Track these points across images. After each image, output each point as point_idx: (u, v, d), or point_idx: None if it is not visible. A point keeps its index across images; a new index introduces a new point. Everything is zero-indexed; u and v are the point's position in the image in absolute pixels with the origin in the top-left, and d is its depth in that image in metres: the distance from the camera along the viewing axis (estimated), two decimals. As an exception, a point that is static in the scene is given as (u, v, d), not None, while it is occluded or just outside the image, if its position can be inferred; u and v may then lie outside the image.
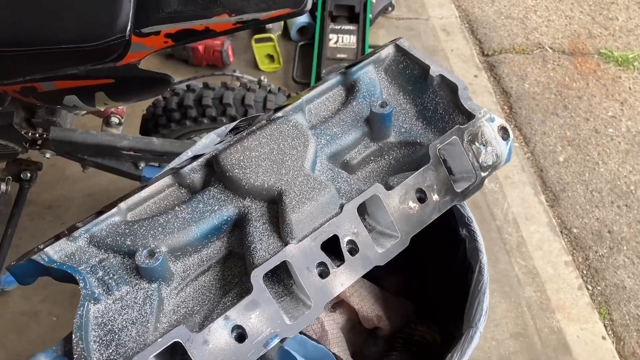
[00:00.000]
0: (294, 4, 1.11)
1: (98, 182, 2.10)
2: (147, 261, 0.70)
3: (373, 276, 0.94)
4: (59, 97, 1.28)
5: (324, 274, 0.73)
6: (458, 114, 0.88)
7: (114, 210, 0.77)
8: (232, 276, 0.77)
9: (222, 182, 0.79)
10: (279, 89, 1.63)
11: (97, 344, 0.66)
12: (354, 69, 0.94)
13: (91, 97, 1.27)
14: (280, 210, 0.74)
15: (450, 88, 0.89)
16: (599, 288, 1.97)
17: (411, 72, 0.95)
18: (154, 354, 0.62)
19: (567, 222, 2.10)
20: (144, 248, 0.70)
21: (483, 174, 0.85)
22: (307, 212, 0.74)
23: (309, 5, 1.12)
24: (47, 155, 1.61)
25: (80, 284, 0.69)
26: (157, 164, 1.69)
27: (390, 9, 2.76)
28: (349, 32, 2.49)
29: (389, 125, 0.88)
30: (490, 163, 0.86)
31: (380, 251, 0.76)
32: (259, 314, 0.68)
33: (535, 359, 1.77)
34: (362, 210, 0.78)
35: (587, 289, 1.96)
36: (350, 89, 0.93)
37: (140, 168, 1.67)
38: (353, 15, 2.53)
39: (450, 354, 0.80)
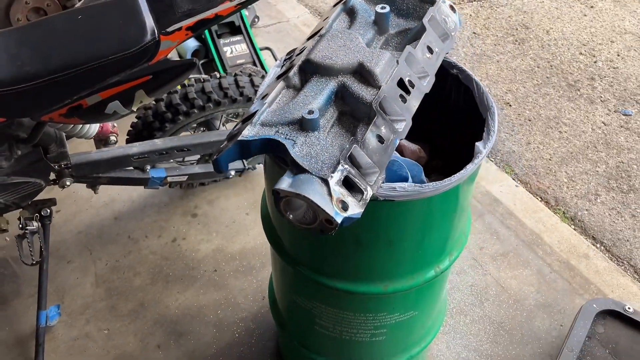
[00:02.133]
0: (274, -20, 1.55)
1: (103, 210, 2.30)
2: (309, 117, 1.10)
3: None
4: (102, 108, 1.56)
5: (404, 99, 1.19)
6: (424, 2, 1.38)
7: (262, 108, 1.15)
8: (350, 122, 1.19)
9: (318, 72, 1.21)
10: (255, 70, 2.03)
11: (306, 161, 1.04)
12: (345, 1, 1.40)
13: (131, 98, 1.57)
14: (365, 73, 1.19)
15: (411, -8, 1.40)
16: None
17: (381, -8, 1.44)
18: (344, 158, 1.02)
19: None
20: (306, 109, 1.10)
21: (452, 34, 1.37)
22: (381, 67, 1.19)
23: (284, -21, 1.57)
24: (68, 183, 1.82)
25: (277, 137, 1.07)
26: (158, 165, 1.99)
27: (257, 20, 3.25)
28: (237, 42, 2.93)
29: (389, 20, 1.36)
30: (452, 27, 1.38)
31: (424, 84, 1.24)
32: (383, 128, 1.12)
33: (480, 214, 2.35)
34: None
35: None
36: (350, 11, 1.40)
37: (147, 171, 1.96)
38: (234, 29, 2.97)
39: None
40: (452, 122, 1.50)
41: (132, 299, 2.04)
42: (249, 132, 1.10)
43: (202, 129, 2.23)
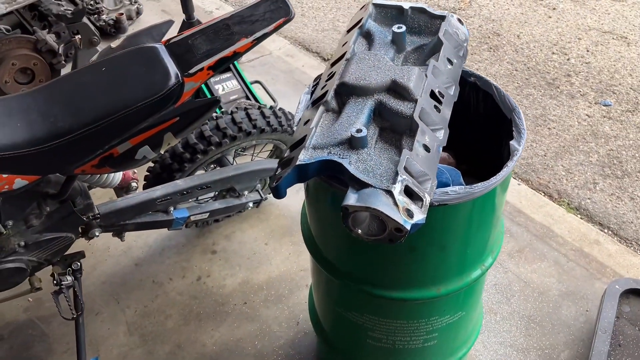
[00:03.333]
0: (285, 13, 1.62)
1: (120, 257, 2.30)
2: (358, 135, 1.16)
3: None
4: (133, 154, 1.59)
5: (438, 109, 1.26)
6: (434, 19, 1.47)
7: (311, 133, 1.21)
8: (391, 137, 1.25)
9: (354, 94, 1.27)
10: (250, 104, 2.09)
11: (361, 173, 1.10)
12: (361, 23, 1.48)
13: (160, 142, 1.60)
14: (399, 89, 1.25)
15: (420, 10, 1.48)
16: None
17: (391, 13, 1.52)
18: (403, 167, 1.08)
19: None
20: (353, 129, 1.16)
21: (464, 45, 1.45)
22: (414, 82, 1.26)
23: (294, 12, 1.64)
24: (97, 233, 1.84)
25: (332, 158, 1.12)
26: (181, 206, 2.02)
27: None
28: (227, 79, 2.99)
29: (405, 39, 1.44)
30: (463, 39, 1.47)
31: (451, 93, 1.31)
32: (427, 137, 1.19)
33: (492, 216, 2.43)
34: (430, 77, 1.32)
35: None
36: (367, 34, 1.47)
37: (170, 213, 1.98)
38: (223, 66, 3.03)
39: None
40: (472, 127, 1.58)
41: (168, 342, 2.04)
42: (304, 156, 1.15)
43: (212, 166, 2.27)
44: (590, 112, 3.03)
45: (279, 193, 1.16)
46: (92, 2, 3.59)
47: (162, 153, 1.89)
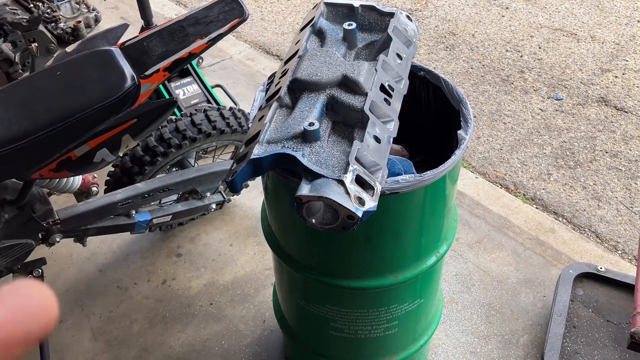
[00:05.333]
0: (239, 14, 1.65)
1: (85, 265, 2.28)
2: (310, 128, 1.19)
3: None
4: (91, 157, 1.59)
5: (388, 102, 1.30)
6: (383, 16, 1.52)
7: (265, 128, 1.24)
8: (344, 130, 1.29)
9: (306, 89, 1.31)
10: (210, 106, 2.11)
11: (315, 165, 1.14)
12: (313, 22, 1.52)
13: (118, 144, 1.62)
14: (350, 83, 1.30)
15: (370, 7, 1.53)
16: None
17: (342, 12, 1.56)
18: (355, 156, 1.13)
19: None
20: (306, 122, 1.20)
21: (413, 40, 1.50)
22: (364, 76, 1.30)
23: (248, 13, 1.67)
24: (57, 239, 1.83)
25: (286, 151, 1.16)
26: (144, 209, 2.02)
27: (201, 60, 3.33)
28: (188, 83, 3.00)
29: (356, 36, 1.48)
30: (412, 34, 1.52)
31: (401, 87, 1.36)
32: (377, 129, 1.23)
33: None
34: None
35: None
36: (319, 32, 1.51)
37: (132, 216, 1.99)
38: (183, 71, 3.04)
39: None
40: (425, 120, 1.63)
41: (134, 346, 2.04)
42: (258, 151, 1.18)
43: (174, 168, 2.27)
44: (544, 107, 3.13)
45: (234, 187, 1.18)
46: (48, 10, 3.55)
47: (121, 156, 1.89)
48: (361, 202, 1.09)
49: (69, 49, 1.71)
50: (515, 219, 2.45)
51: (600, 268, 2.09)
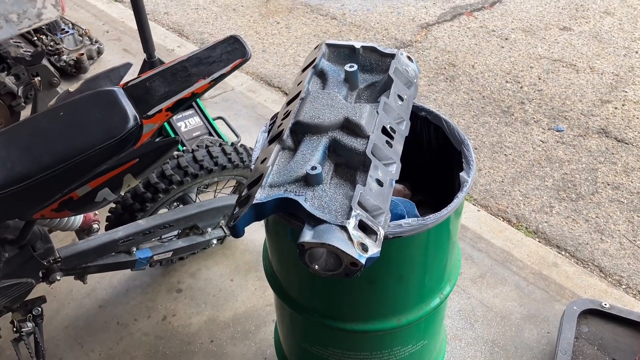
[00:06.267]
0: (242, 54, 1.66)
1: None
2: (313, 172, 1.19)
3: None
4: (92, 197, 1.59)
5: (390, 144, 1.31)
6: (384, 57, 1.53)
7: (267, 172, 1.24)
8: (346, 172, 1.29)
9: (309, 132, 1.31)
10: (212, 140, 2.11)
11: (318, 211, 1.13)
12: (315, 63, 1.53)
13: (119, 183, 1.61)
14: (352, 126, 1.30)
15: (371, 49, 1.54)
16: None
17: (343, 53, 1.57)
18: (358, 199, 1.12)
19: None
20: (308, 166, 1.20)
21: (414, 81, 1.51)
22: (365, 119, 1.31)
23: (250, 53, 1.69)
24: (58, 277, 1.81)
25: (289, 195, 1.15)
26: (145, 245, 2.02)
27: (202, 92, 3.35)
28: (190, 116, 3.01)
29: (357, 77, 1.49)
30: (413, 75, 1.53)
31: (402, 128, 1.37)
32: (379, 172, 1.23)
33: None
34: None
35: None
36: (321, 73, 1.52)
37: (133, 253, 1.98)
38: (185, 104, 3.06)
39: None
40: (426, 159, 1.63)
41: (134, 385, 2.01)
42: (261, 195, 1.17)
43: (175, 204, 2.27)
44: (544, 138, 3.14)
45: (236, 232, 1.18)
46: (52, 43, 3.59)
47: (123, 194, 1.89)
48: (364, 248, 1.08)
49: (72, 88, 1.72)
50: (518, 252, 2.44)
51: (605, 304, 2.07)
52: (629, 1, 4.39)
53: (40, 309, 1.85)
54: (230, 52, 1.67)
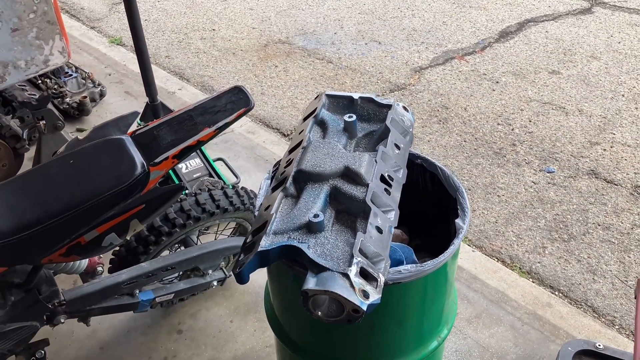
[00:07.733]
0: (245, 104, 1.74)
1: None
2: (315, 220, 1.25)
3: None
4: (100, 241, 1.64)
5: (388, 192, 1.37)
6: (382, 107, 1.61)
7: (271, 219, 1.29)
8: (347, 219, 1.35)
9: (310, 180, 1.38)
10: (214, 182, 2.17)
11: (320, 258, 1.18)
12: (315, 113, 1.60)
13: (126, 228, 1.66)
14: (352, 174, 1.37)
15: (368, 99, 1.62)
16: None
17: (342, 103, 1.65)
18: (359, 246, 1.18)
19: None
20: (311, 214, 1.26)
21: (410, 130, 1.59)
22: (365, 168, 1.37)
23: (254, 103, 1.76)
24: (62, 320, 1.84)
25: (292, 243, 1.21)
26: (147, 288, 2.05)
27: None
28: (190, 157, 3.07)
29: (356, 127, 1.56)
30: (409, 124, 1.61)
31: (400, 176, 1.43)
32: (379, 219, 1.29)
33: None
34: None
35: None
36: (321, 123, 1.60)
37: (136, 296, 2.01)
38: (186, 146, 3.13)
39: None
40: (422, 204, 1.69)
41: None
42: (265, 243, 1.23)
43: (176, 246, 2.31)
44: (536, 179, 3.22)
45: (242, 279, 1.23)
46: (55, 86, 3.68)
47: (128, 239, 1.93)
48: (366, 295, 1.14)
49: (80, 136, 1.78)
50: (512, 293, 2.48)
51: (599, 345, 2.11)
52: (614, 46, 4.55)
53: (43, 351, 1.87)
54: (234, 102, 1.74)
